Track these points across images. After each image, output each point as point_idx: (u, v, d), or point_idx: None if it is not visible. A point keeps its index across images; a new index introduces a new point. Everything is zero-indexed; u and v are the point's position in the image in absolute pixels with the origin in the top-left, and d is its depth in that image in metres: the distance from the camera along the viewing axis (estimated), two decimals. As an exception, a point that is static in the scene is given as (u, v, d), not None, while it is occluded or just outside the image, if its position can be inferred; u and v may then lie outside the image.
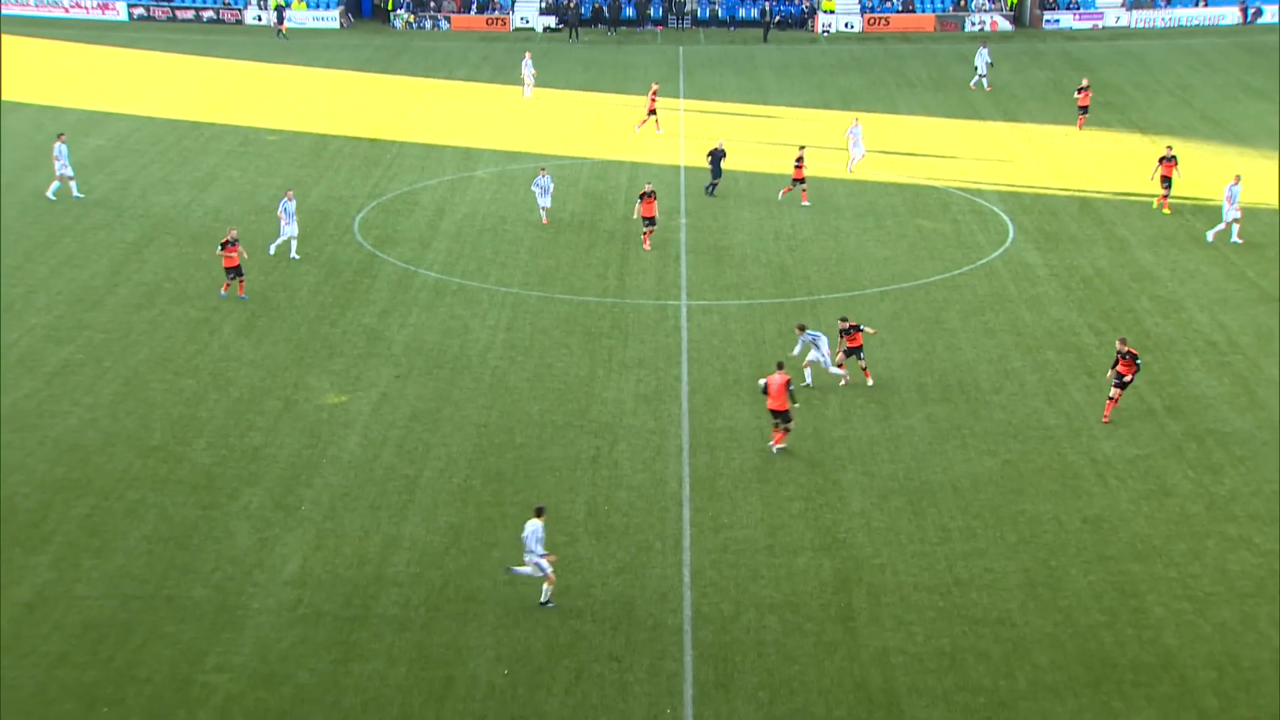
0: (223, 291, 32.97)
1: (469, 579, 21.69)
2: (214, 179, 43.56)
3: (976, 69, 58.84)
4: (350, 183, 43.61)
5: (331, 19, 75.51)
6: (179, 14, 75.02)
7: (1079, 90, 51.24)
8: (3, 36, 65.36)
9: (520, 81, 56.76)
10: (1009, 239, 38.45)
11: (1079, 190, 43.08)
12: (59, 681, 19.02)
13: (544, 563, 20.75)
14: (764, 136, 50.60)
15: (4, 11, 73.50)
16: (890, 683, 19.38)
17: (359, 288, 34.21)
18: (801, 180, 41.01)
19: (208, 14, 75.04)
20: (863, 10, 77.04)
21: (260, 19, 74.39)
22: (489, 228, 39.23)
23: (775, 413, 25.46)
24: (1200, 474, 24.96)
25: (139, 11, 74.76)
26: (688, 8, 77.25)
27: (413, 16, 76.05)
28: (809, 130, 51.31)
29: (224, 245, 32.43)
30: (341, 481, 24.54)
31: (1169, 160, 40.41)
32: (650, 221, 36.84)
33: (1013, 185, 43.81)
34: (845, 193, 42.45)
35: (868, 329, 28.94)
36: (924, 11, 77.04)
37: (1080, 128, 50.40)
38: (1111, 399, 26.86)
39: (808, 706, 18.95)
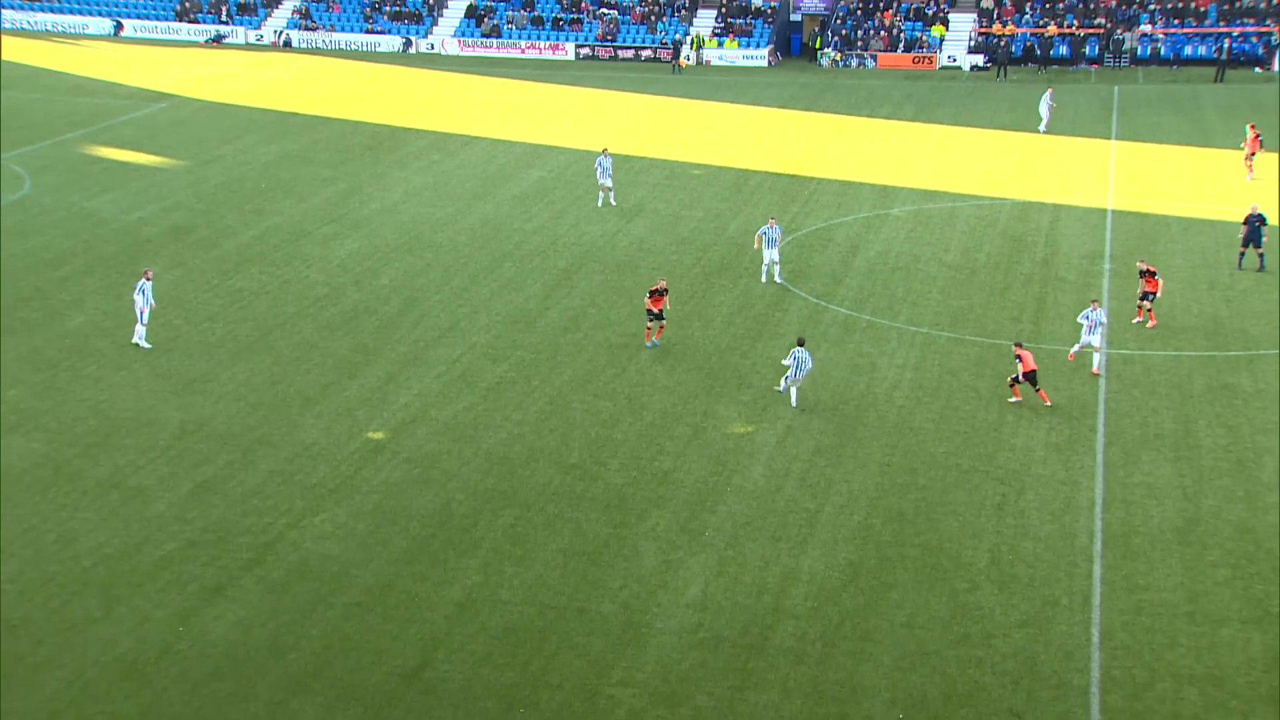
0: (647, 342, 32.85)
1: (865, 618, 21.56)
2: (640, 210, 45.66)
3: None
4: (765, 217, 44.44)
5: (760, 57, 77.42)
6: (620, 53, 79.30)
7: None
8: (462, 77, 71.50)
9: (1039, 118, 56.08)
10: None
11: None
12: (483, 680, 20.34)
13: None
14: (1202, 181, 47.41)
15: (470, 54, 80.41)
16: (1321, 782, 17.59)
17: (770, 320, 34.82)
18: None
19: (646, 53, 78.87)
20: (1327, 45, 70.64)
21: (689, 58, 77.35)
22: (901, 266, 38.93)
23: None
24: None
25: (585, 52, 79.63)
26: (1126, 45, 73.65)
27: (839, 54, 76.77)
28: (1256, 174, 47.61)
29: (652, 293, 32.54)
30: (744, 510, 25.02)
31: None
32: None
33: None
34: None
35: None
36: (1400, 46, 69.65)
37: None
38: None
39: (1222, 795, 17.52)
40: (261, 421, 28.85)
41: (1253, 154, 47.74)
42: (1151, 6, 75.27)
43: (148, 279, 32.65)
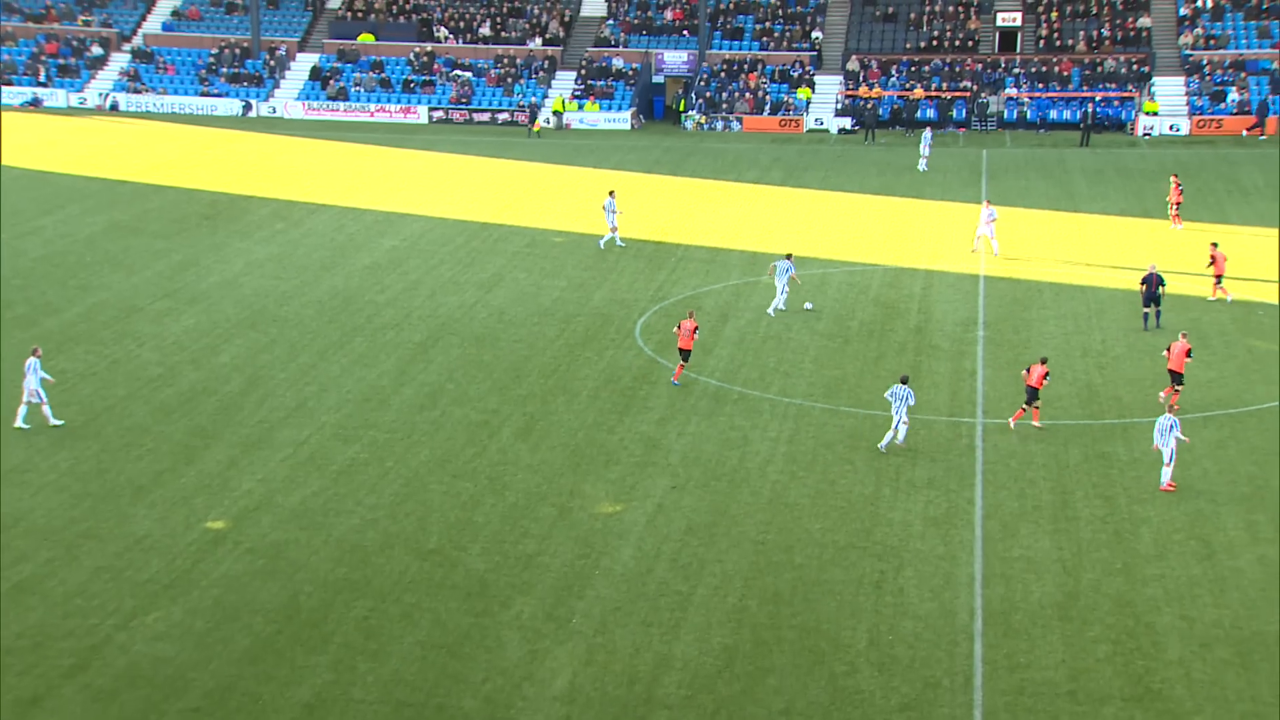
0: (674, 379, 35.34)
1: (742, 705, 21.64)
2: (500, 280, 45.76)
3: None
4: (634, 286, 44.97)
5: (623, 120, 78.61)
6: (475, 116, 79.73)
7: None
8: (312, 142, 71.09)
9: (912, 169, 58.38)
10: (1358, 363, 36.00)
11: None
12: (329, 780, 19.88)
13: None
14: (1072, 245, 49.38)
15: (315, 117, 80.00)
16: None
17: (638, 394, 35.07)
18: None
19: (502, 116, 79.44)
20: (1191, 112, 74.54)
21: (550, 121, 78.18)
22: (773, 335, 39.62)
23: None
24: None
25: (438, 115, 79.90)
26: (992, 109, 76.66)
27: (704, 118, 78.35)
28: (1124, 239, 49.78)
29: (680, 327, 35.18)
30: (614, 594, 25.00)
31: None
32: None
33: (1363, 303, 41.09)
34: (1165, 307, 40.78)
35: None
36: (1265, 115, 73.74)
37: None
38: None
39: None
40: (87, 514, 27.97)
41: (1178, 204, 50.87)
42: (1016, 70, 78.57)
43: (36, 355, 32.08)
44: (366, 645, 23.31)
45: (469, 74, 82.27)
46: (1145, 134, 73.32)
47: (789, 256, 41.72)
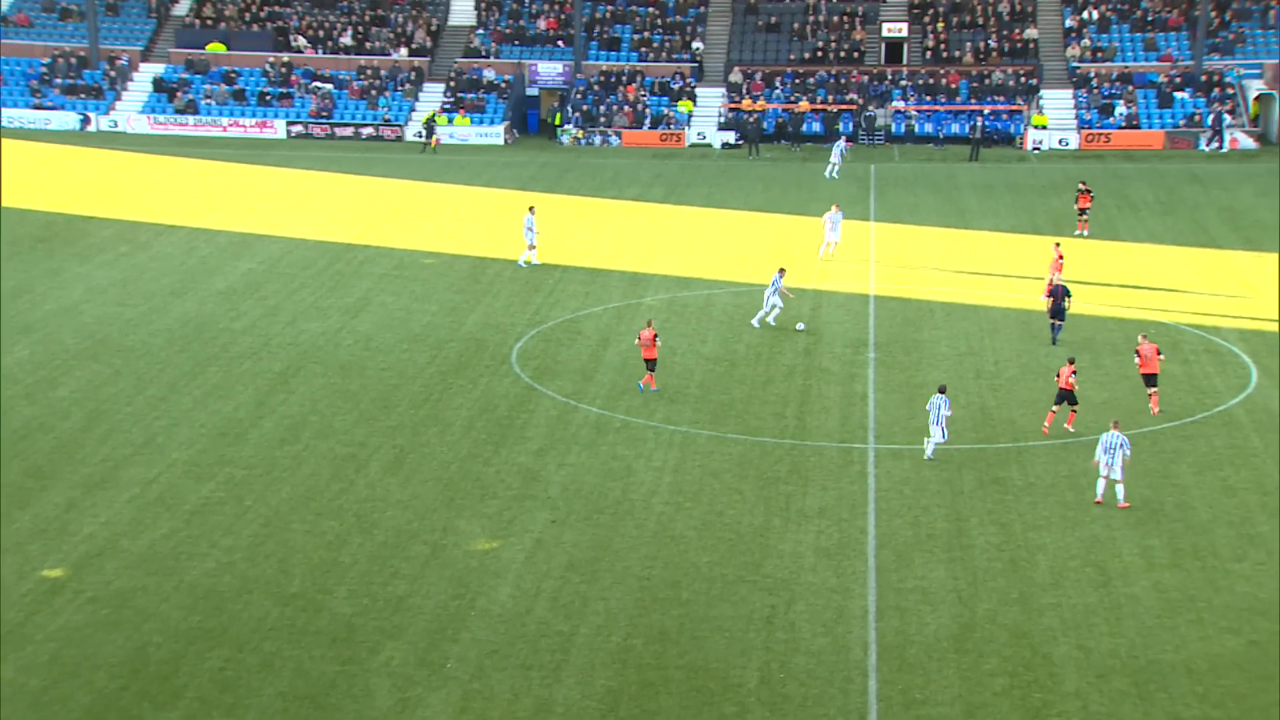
0: (642, 384, 36.91)
1: (626, 752, 21.60)
2: (366, 304, 45.32)
3: None
4: (509, 309, 44.86)
5: (496, 135, 78.55)
6: (337, 131, 78.99)
7: None
8: (159, 158, 69.79)
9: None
10: (1251, 383, 37.30)
11: (1334, 327, 41.65)
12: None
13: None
14: (963, 263, 50.45)
15: (162, 132, 78.56)
16: None
17: (515, 423, 34.95)
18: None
19: (367, 130, 78.85)
20: (1080, 126, 76.75)
21: (420, 135, 77.80)
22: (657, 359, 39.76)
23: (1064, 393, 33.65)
24: None
25: (297, 130, 79.03)
26: (880, 122, 78.12)
27: (581, 132, 78.62)
28: (1015, 256, 50.99)
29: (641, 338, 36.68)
30: (490, 637, 24.82)
31: None
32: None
33: (1255, 322, 42.61)
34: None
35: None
36: (1151, 128, 76.32)
37: None
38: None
39: None
40: (-89, 562, 27.02)
41: (1083, 209, 53.65)
42: (904, 83, 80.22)
43: None
44: (222, 699, 22.82)
45: (329, 86, 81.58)
46: (1035, 148, 75.31)
47: (781, 272, 42.61)
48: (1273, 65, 77.79)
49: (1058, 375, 34.23)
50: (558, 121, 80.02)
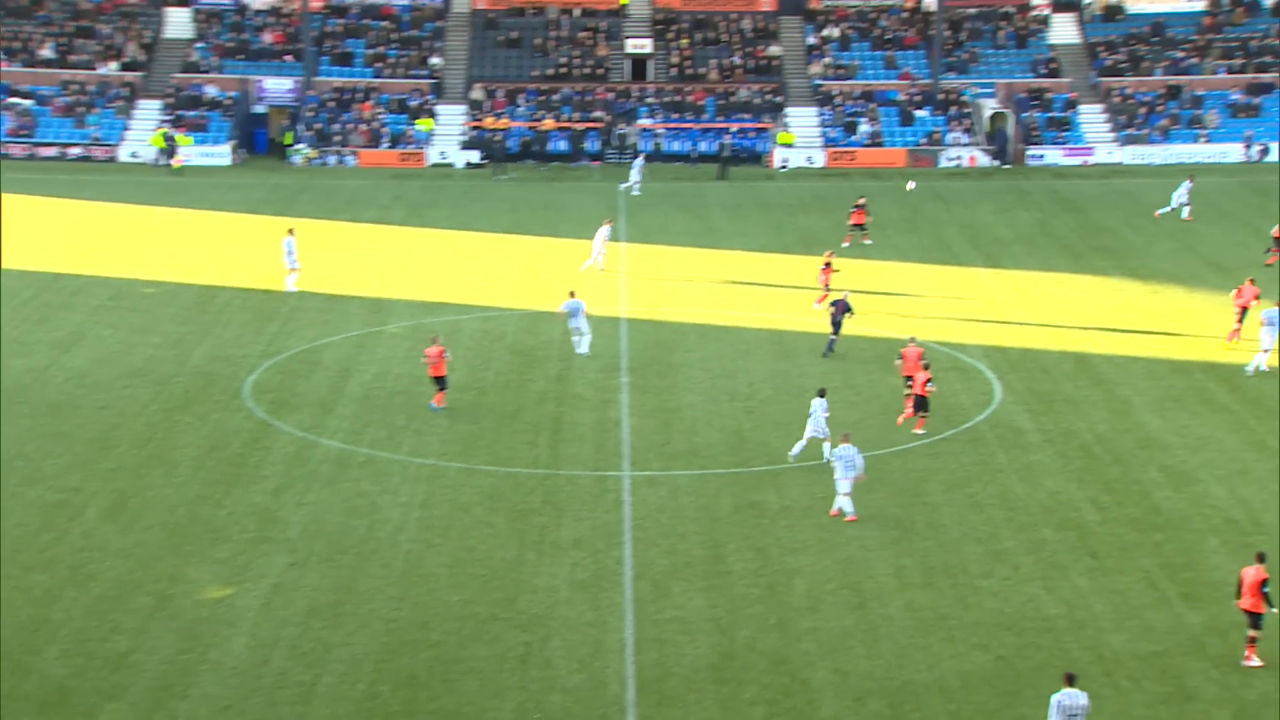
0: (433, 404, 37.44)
1: (376, 805, 21.33)
2: (79, 339, 43.65)
3: (1176, 200, 61.93)
4: (241, 340, 43.85)
5: (222, 155, 76.72)
6: (40, 151, 75.83)
7: None
8: None
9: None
10: (995, 400, 39.21)
11: (1074, 345, 44.14)
12: None
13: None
14: (716, 283, 51.62)
15: None
16: None
17: (249, 461, 34.17)
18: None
19: (74, 150, 75.92)
20: (825, 144, 79.49)
21: (136, 155, 75.34)
22: (402, 389, 39.47)
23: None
24: (1226, 674, 25.10)
25: (-7, 148, 75.59)
26: (629, 141, 79.33)
27: (315, 152, 77.44)
28: (766, 275, 52.45)
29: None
30: (224, 691, 24.17)
31: None
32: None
33: (998, 339, 44.83)
34: (809, 348, 43.23)
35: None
36: (894, 145, 79.61)
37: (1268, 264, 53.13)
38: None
39: None
40: None
41: (859, 224, 57.17)
42: (650, 100, 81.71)
43: None
44: (-77, 775, 21.61)
45: (30, 102, 78.27)
46: (782, 166, 77.66)
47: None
48: (1004, 84, 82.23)
49: (913, 380, 36.33)
50: (289, 141, 78.60)
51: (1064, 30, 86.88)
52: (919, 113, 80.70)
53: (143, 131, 77.37)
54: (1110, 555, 29.41)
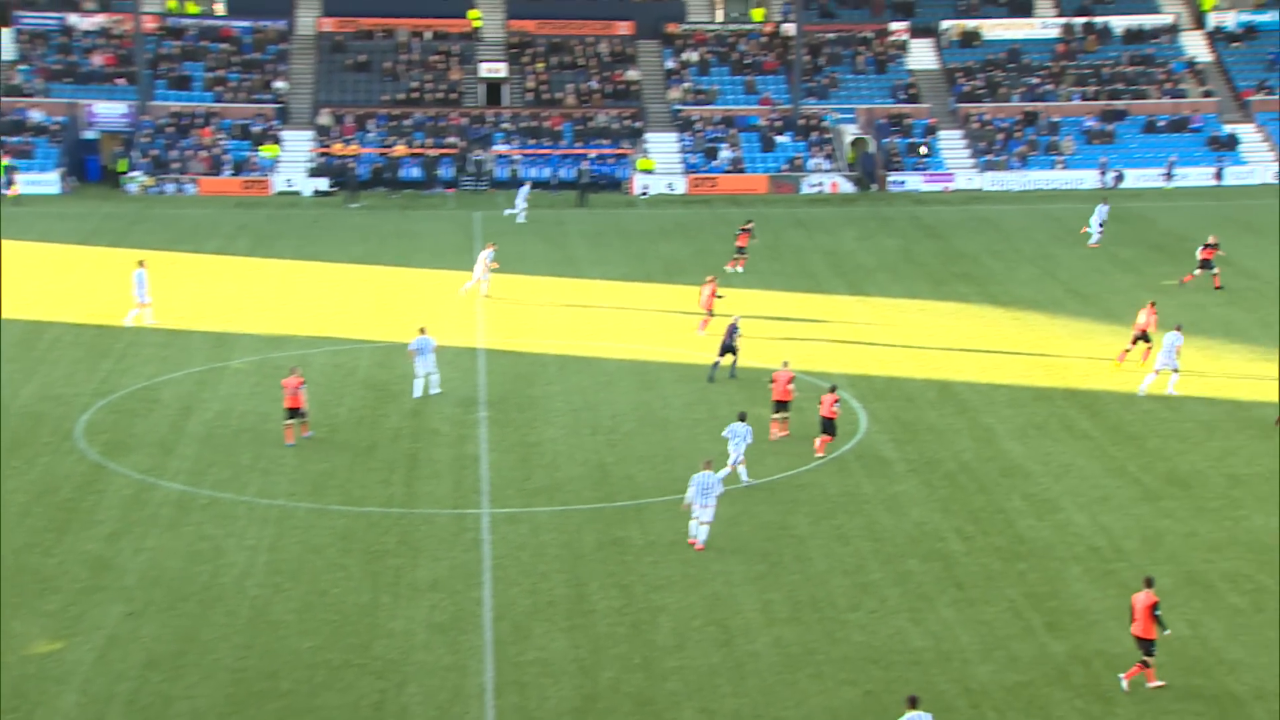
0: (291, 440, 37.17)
1: None
2: (-102, 377, 42.12)
3: (1091, 225, 63.51)
4: (72, 378, 42.69)
5: (50, 183, 74.79)
6: None
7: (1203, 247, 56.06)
8: None
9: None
10: (861, 429, 39.61)
11: (938, 372, 44.81)
12: None
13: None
14: (576, 313, 51.53)
15: None
16: None
17: (81, 506, 33.19)
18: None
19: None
20: (686, 170, 80.00)
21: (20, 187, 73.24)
22: (247, 427, 38.69)
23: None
24: (1089, 703, 25.54)
25: None
26: (485, 167, 79.03)
27: (151, 180, 75.88)
28: (628, 305, 52.49)
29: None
30: (57, 751, 23.36)
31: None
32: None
33: (863, 367, 45.34)
34: (673, 378, 43.30)
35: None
36: (755, 172, 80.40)
37: (1217, 286, 54.88)
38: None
39: None
40: None
41: (742, 246, 58.51)
42: (505, 125, 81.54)
43: None
44: None
45: None
46: (642, 193, 77.96)
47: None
48: (864, 110, 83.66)
49: (820, 402, 37.26)
50: (123, 168, 76.90)
51: (922, 55, 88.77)
52: (780, 138, 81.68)
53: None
54: (976, 585, 29.79)
